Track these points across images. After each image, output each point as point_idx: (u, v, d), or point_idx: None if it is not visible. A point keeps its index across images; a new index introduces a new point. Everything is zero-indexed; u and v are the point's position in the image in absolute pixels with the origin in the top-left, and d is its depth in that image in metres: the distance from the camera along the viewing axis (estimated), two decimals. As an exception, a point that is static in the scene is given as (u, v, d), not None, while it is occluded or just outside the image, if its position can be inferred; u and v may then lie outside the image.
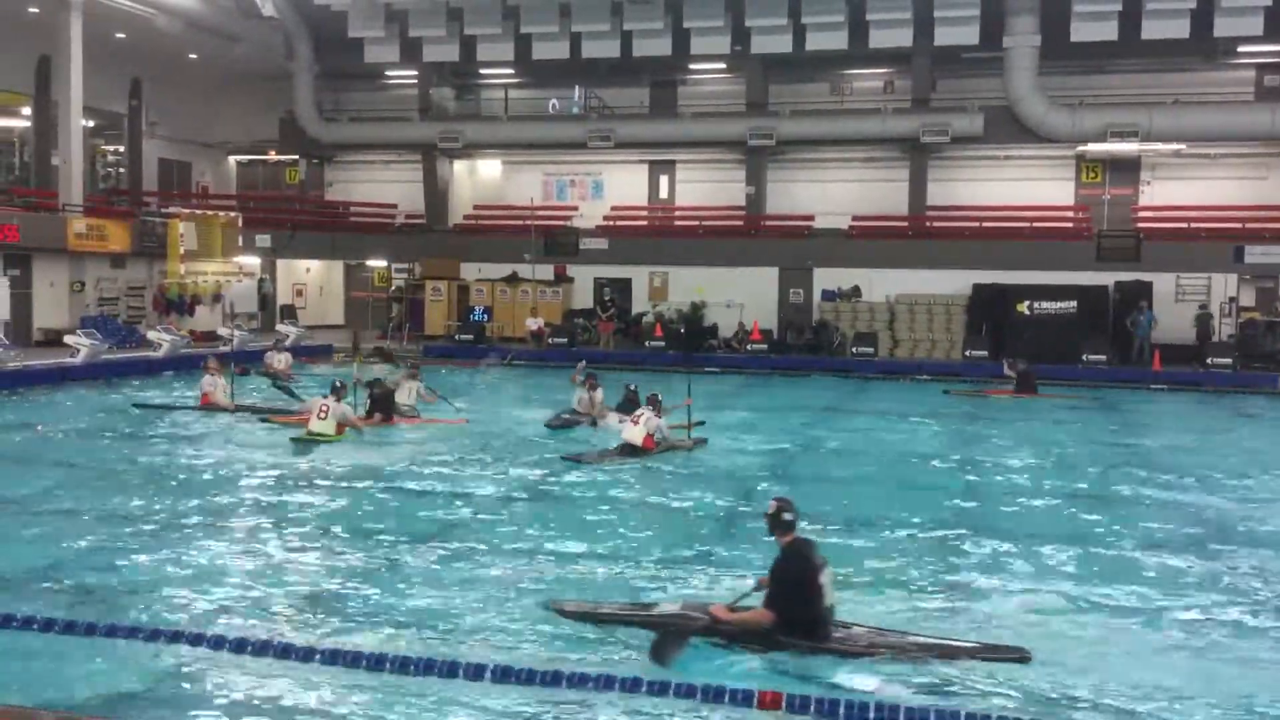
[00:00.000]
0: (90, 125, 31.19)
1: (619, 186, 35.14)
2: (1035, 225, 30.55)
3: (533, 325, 30.03)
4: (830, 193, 32.64)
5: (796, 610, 6.67)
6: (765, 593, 6.88)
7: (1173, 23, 27.09)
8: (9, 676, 6.27)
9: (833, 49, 29.57)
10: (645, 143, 33.58)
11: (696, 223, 33.40)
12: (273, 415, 16.84)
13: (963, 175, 32.14)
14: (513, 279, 32.53)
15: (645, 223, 34.52)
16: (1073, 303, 27.70)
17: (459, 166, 36.47)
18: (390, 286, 34.94)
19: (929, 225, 31.39)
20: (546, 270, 32.51)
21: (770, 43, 29.76)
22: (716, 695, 5.64)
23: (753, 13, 29.10)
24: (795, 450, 15.46)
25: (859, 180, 32.79)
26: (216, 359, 18.65)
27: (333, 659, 6.29)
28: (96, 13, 27.35)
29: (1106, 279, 28.40)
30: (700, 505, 11.51)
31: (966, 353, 27.67)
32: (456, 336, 30.64)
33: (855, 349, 28.26)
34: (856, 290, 30.39)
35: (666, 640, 6.68)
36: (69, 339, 23.39)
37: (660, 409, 14.30)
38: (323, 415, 14.81)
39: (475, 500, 11.47)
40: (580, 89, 34.89)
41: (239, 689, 6.22)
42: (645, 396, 14.62)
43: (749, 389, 23.47)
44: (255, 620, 7.39)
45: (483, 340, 29.98)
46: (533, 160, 35.52)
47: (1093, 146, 30.11)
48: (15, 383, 20.37)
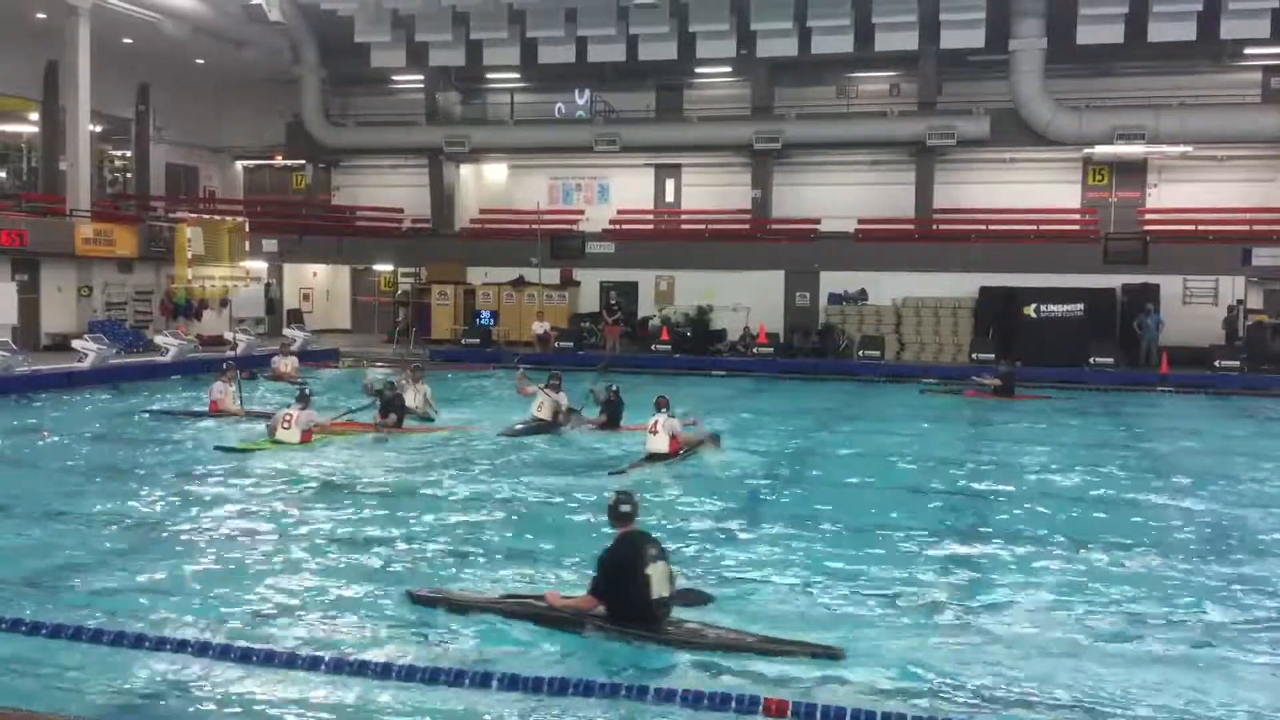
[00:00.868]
0: (98, 130, 31.28)
1: (625, 190, 35.17)
2: (1042, 228, 30.53)
3: (539, 329, 30.05)
4: (836, 196, 32.63)
5: (620, 598, 6.82)
6: (591, 580, 7.10)
7: (1179, 25, 27.05)
8: (11, 682, 6.27)
9: (838, 52, 29.59)
10: (651, 146, 33.63)
11: (702, 226, 33.40)
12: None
13: (969, 178, 32.12)
14: (519, 283, 32.56)
15: (651, 226, 34.54)
16: (1080, 305, 27.62)
17: (465, 170, 36.53)
18: (397, 291, 35.03)
19: (935, 228, 31.37)
20: (553, 274, 32.55)
21: (776, 46, 29.76)
22: (722, 702, 5.64)
23: (758, 16, 29.10)
24: (798, 453, 15.40)
25: (865, 183, 32.80)
26: (233, 365, 18.66)
27: (336, 668, 6.31)
28: (104, 18, 27.46)
29: (1114, 282, 28.36)
30: (701, 507, 11.52)
31: (973, 356, 27.59)
32: (463, 340, 30.68)
33: (862, 352, 28.22)
34: (863, 293, 30.39)
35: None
36: (77, 344, 23.43)
37: (669, 409, 14.32)
38: (287, 425, 14.65)
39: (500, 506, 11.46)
40: (586, 93, 34.93)
41: (240, 698, 6.22)
42: (654, 400, 14.54)
43: (755, 392, 23.43)
44: (261, 629, 7.38)
45: (489, 344, 30.00)
46: (539, 164, 35.56)
47: (1099, 149, 30.08)
48: (23, 387, 20.42)
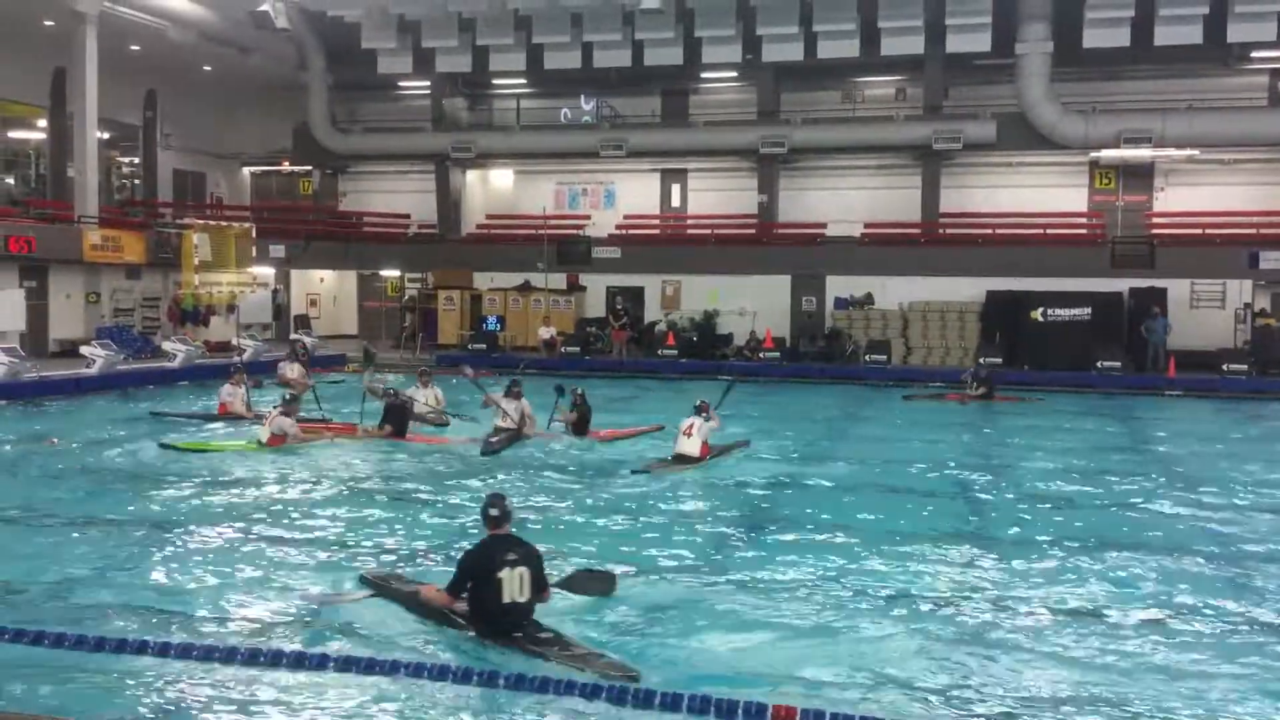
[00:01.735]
0: (105, 137, 31.37)
1: (631, 195, 35.19)
2: (1049, 232, 30.50)
3: (545, 334, 30.06)
4: (842, 200, 32.63)
5: (474, 598, 7.05)
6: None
7: (1186, 28, 27.01)
8: (19, 691, 6.28)
9: (844, 57, 29.59)
10: (657, 151, 33.66)
11: (709, 231, 33.42)
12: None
13: (975, 182, 32.09)
14: (525, 288, 32.60)
15: (657, 231, 34.56)
16: (1087, 309, 27.59)
17: (471, 176, 36.59)
18: (403, 296, 35.09)
19: (942, 232, 31.35)
20: (559, 279, 32.57)
21: (782, 51, 29.77)
22: (729, 709, 5.63)
23: (764, 21, 29.12)
24: (802, 457, 15.39)
25: (871, 188, 32.79)
26: (242, 369, 18.72)
27: (346, 666, 6.31)
28: (112, 25, 27.53)
29: (1121, 285, 28.29)
30: (710, 513, 11.53)
31: (980, 360, 27.50)
32: (469, 346, 30.71)
33: (868, 357, 28.19)
34: (869, 298, 30.38)
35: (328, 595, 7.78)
36: (85, 350, 23.47)
37: (710, 414, 14.43)
38: (265, 423, 14.81)
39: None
40: (592, 98, 34.96)
41: (246, 702, 6.23)
42: (694, 404, 14.62)
43: (761, 397, 23.42)
44: (269, 633, 7.40)
45: (496, 349, 30.02)
46: (545, 169, 35.61)
47: (1106, 153, 30.05)
48: (31, 393, 20.48)
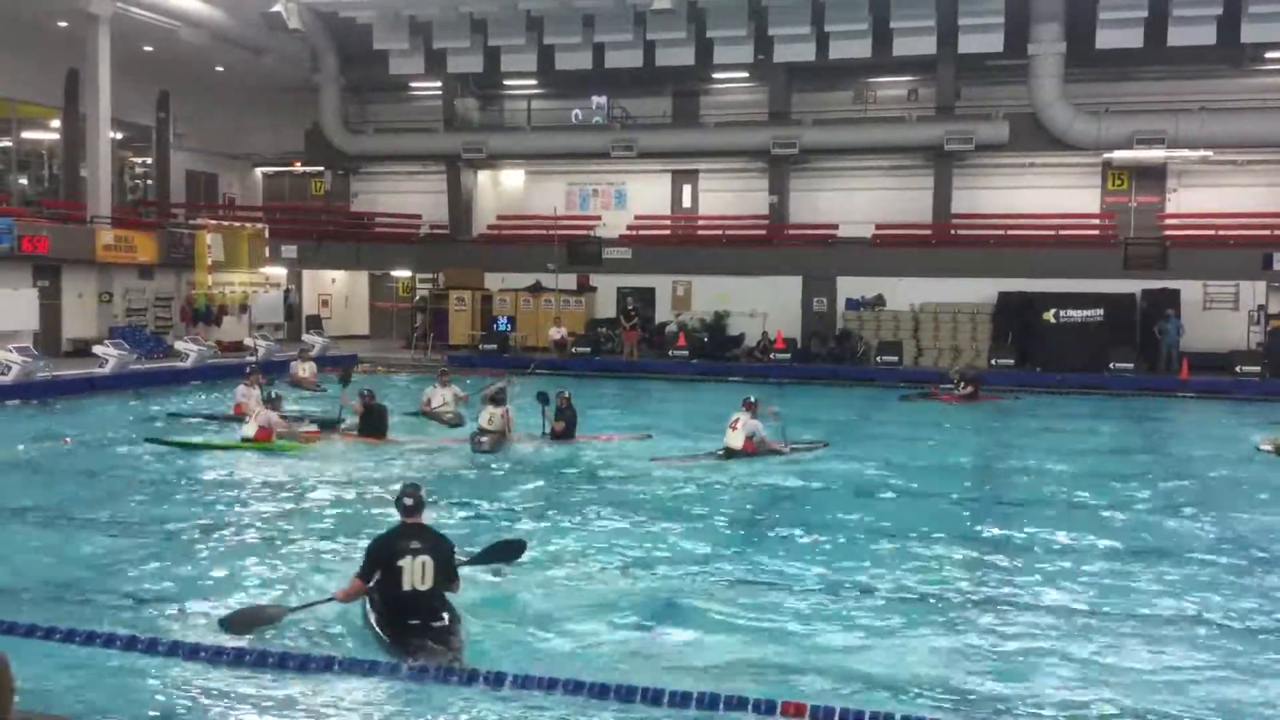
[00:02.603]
0: (118, 138, 31.50)
1: (642, 196, 35.17)
2: (1061, 233, 30.39)
3: (556, 335, 30.06)
4: (854, 201, 32.54)
5: (379, 585, 7.15)
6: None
7: (1199, 29, 26.86)
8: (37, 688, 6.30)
9: (856, 57, 29.50)
10: (668, 152, 33.62)
11: (720, 232, 33.38)
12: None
13: (987, 183, 31.97)
14: (536, 289, 32.60)
15: (668, 232, 34.53)
16: (1099, 311, 27.47)
17: (483, 177, 36.62)
18: (414, 296, 35.12)
19: (953, 233, 31.25)
20: (570, 280, 32.58)
21: (793, 51, 29.70)
22: (739, 704, 5.62)
23: (775, 22, 29.07)
24: (816, 458, 15.37)
25: (883, 189, 32.68)
26: (258, 370, 18.79)
27: (350, 669, 6.32)
28: (124, 26, 27.63)
29: (1133, 287, 28.16)
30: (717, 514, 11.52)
31: (992, 361, 27.48)
32: (480, 346, 30.73)
33: (879, 358, 28.13)
34: (880, 299, 30.30)
35: (246, 614, 7.46)
36: (97, 349, 23.56)
37: (756, 411, 14.84)
38: (249, 420, 14.97)
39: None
40: (603, 99, 34.95)
41: (255, 703, 6.24)
42: (741, 401, 15.04)
43: (772, 398, 23.36)
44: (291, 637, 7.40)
45: (507, 350, 30.02)
46: (556, 170, 35.62)
47: (1119, 154, 29.91)
48: (44, 393, 20.57)
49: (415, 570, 7.00)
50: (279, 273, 33.18)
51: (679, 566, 9.29)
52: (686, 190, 35.07)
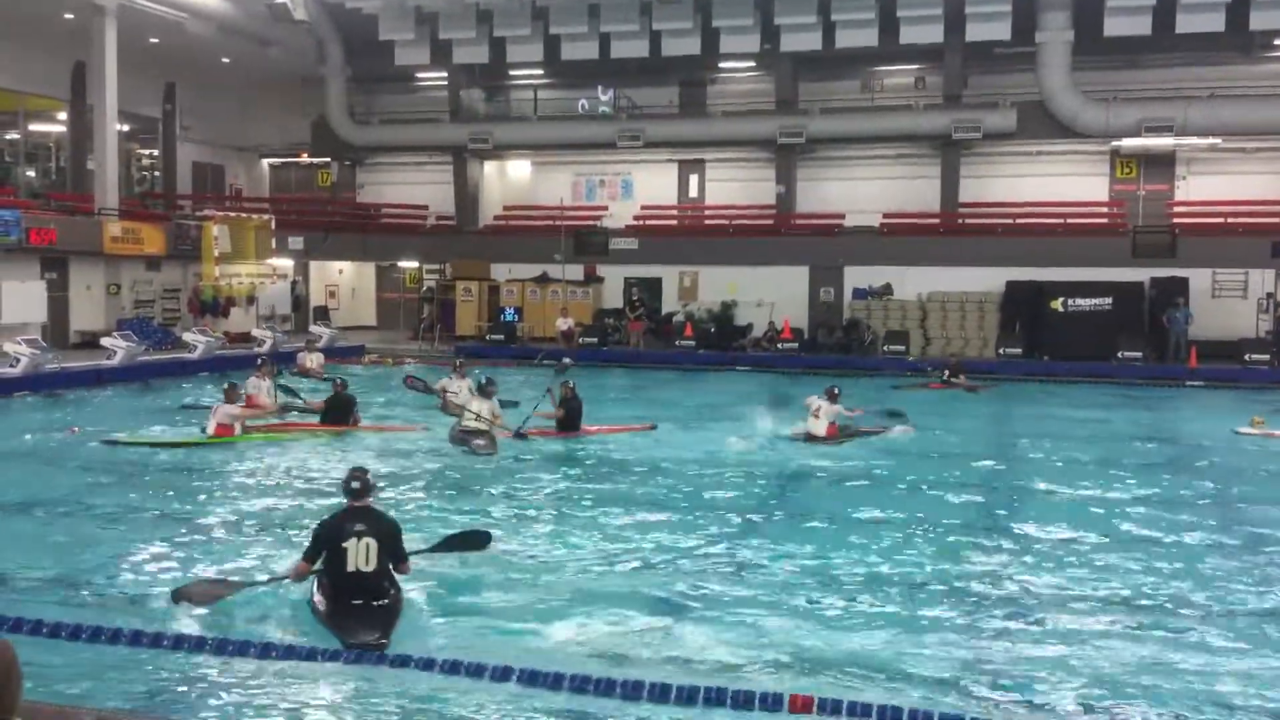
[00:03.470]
0: (125, 130, 31.55)
1: (648, 186, 35.13)
2: (1069, 221, 30.28)
3: (563, 325, 30.07)
4: (861, 190, 32.47)
5: (324, 566, 7.36)
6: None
7: (1207, 16, 26.78)
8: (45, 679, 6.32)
9: (863, 46, 29.43)
10: (675, 142, 33.58)
11: (726, 222, 33.34)
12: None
13: (995, 171, 31.89)
14: (543, 279, 32.60)
15: (675, 222, 34.50)
16: (1108, 299, 27.42)
17: (489, 167, 36.61)
18: (421, 287, 35.15)
19: (961, 222, 31.16)
20: (576, 270, 32.56)
21: (800, 40, 29.66)
22: (746, 699, 5.63)
23: (782, 11, 29.01)
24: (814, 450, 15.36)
25: (890, 178, 32.62)
26: (269, 362, 18.75)
27: (357, 660, 6.34)
28: (131, 18, 27.64)
29: (1142, 275, 28.09)
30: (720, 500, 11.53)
31: (1000, 350, 27.44)
32: (487, 337, 30.75)
33: (887, 347, 28.11)
34: (888, 288, 30.25)
35: (197, 588, 7.71)
36: (105, 341, 23.61)
37: (837, 399, 15.44)
38: (212, 416, 14.94)
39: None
40: (610, 89, 34.89)
41: (261, 695, 6.26)
42: (823, 389, 15.69)
43: (779, 387, 23.37)
44: (281, 626, 7.42)
45: (514, 340, 30.02)
46: (562, 160, 35.59)
47: (1127, 141, 29.81)
48: (52, 384, 20.62)
49: (359, 552, 7.22)
50: (286, 264, 33.22)
51: (682, 558, 9.28)
52: (693, 180, 35.02)
